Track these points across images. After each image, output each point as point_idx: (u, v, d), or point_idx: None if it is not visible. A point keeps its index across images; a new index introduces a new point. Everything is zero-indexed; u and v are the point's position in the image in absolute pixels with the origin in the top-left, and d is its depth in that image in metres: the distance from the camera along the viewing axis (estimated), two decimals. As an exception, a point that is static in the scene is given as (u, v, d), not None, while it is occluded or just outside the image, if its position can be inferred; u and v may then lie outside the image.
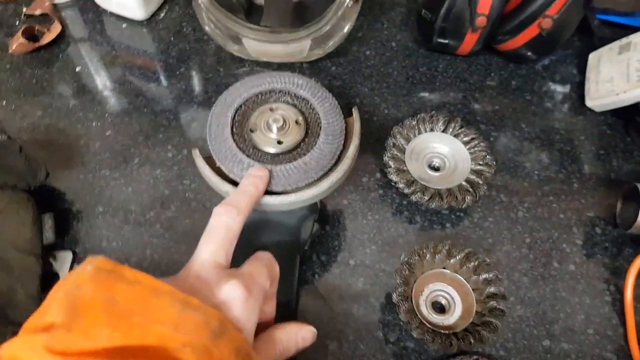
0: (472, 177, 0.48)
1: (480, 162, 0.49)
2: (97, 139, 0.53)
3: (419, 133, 0.51)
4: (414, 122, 0.51)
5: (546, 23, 0.51)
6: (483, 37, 0.53)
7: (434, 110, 0.55)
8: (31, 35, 0.58)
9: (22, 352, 0.23)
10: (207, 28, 0.55)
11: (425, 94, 0.56)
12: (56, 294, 0.25)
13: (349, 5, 0.52)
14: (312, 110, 0.42)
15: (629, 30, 0.59)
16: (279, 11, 0.52)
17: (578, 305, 0.44)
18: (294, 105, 0.42)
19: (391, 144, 0.50)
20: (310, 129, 0.41)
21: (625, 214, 0.46)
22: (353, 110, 0.42)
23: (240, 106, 0.41)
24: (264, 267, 0.31)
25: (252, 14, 0.54)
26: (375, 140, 0.52)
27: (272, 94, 0.42)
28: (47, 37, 0.57)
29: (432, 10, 0.53)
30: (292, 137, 0.40)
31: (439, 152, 0.50)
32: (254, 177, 0.36)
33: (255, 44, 0.54)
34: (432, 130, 0.51)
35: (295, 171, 0.38)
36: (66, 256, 0.46)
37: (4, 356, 0.23)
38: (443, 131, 0.51)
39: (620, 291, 0.44)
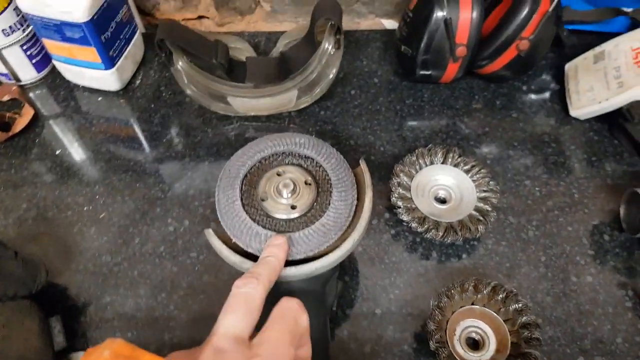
0: (480, 204, 0.48)
1: (485, 189, 0.49)
2: (91, 223, 0.50)
3: (420, 168, 0.51)
4: (414, 158, 0.51)
5: (523, 45, 0.52)
6: (464, 64, 0.54)
7: (428, 140, 0.56)
8: (3, 124, 0.55)
9: None
10: (188, 91, 0.53)
11: (416, 125, 0.57)
12: None
13: (332, 53, 0.52)
14: (319, 168, 0.41)
15: (594, 35, 0.61)
16: (262, 69, 0.51)
17: (602, 316, 0.45)
18: (300, 166, 0.41)
19: (396, 183, 0.50)
20: (321, 186, 0.40)
21: (630, 219, 0.48)
22: (360, 162, 0.42)
23: (246, 175, 0.40)
24: (286, 329, 0.29)
25: (233, 70, 0.53)
26: (377, 180, 0.52)
27: (276, 157, 0.41)
28: (20, 123, 0.54)
29: (412, 45, 0.53)
30: (305, 199, 0.39)
31: (443, 184, 0.50)
32: (273, 246, 0.35)
33: (242, 101, 0.54)
34: (432, 163, 0.51)
35: (315, 235, 0.37)
36: (80, 358, 0.43)
37: None
38: (442, 162, 0.51)
39: (639, 294, 0.45)
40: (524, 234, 0.49)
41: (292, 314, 0.30)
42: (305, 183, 0.40)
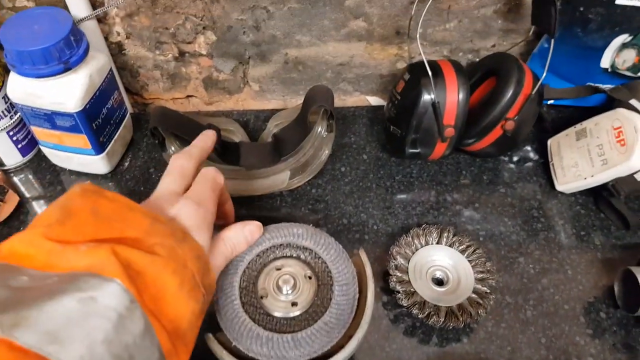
0: (478, 286, 0.48)
1: (481, 269, 0.49)
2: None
3: (417, 249, 0.51)
4: (409, 238, 0.51)
5: (509, 125, 0.54)
6: (452, 143, 0.55)
7: (420, 217, 0.56)
8: (-15, 212, 0.53)
9: (20, 244, 0.27)
10: (181, 176, 0.53)
11: (408, 202, 0.57)
12: (47, 209, 0.30)
13: (324, 136, 0.52)
14: (319, 260, 0.41)
15: (571, 109, 0.64)
16: (255, 154, 0.51)
17: (607, 398, 0.44)
18: (299, 258, 0.41)
19: (393, 266, 0.49)
20: (321, 280, 0.40)
21: (626, 298, 0.48)
22: (360, 252, 0.42)
23: (245, 271, 0.39)
24: (208, 184, 0.38)
25: (225, 152, 0.53)
26: (372, 261, 0.51)
27: (274, 250, 0.41)
28: (5, 211, 0.53)
29: (400, 126, 0.55)
30: (306, 295, 0.38)
31: (440, 265, 0.50)
32: (204, 135, 0.44)
33: (234, 183, 0.53)
34: (427, 243, 0.51)
35: (318, 335, 0.36)
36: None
37: (2, 250, 0.27)
38: (437, 242, 0.51)
39: (641, 375, 0.45)
40: (522, 314, 0.49)
41: (211, 173, 0.39)
42: (305, 277, 0.39)
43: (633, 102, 0.55)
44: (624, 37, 0.57)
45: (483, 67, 0.58)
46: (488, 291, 0.48)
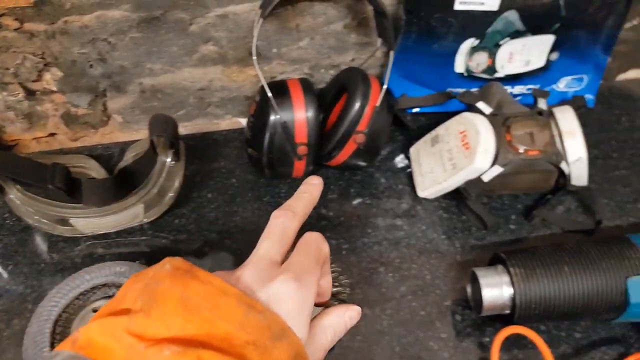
0: (331, 301, 0.48)
1: (336, 284, 0.49)
2: None
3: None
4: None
5: (359, 138, 0.54)
6: (311, 160, 0.56)
7: (285, 236, 0.56)
8: None
9: (101, 334, 0.25)
10: (27, 219, 0.51)
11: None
12: (134, 284, 0.27)
13: (172, 165, 0.52)
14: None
15: (438, 115, 0.65)
16: (98, 190, 0.50)
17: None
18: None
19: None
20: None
21: (474, 298, 0.49)
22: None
23: (60, 316, 0.38)
24: (311, 254, 0.32)
25: (76, 190, 0.52)
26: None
27: (95, 291, 0.40)
28: None
29: (256, 148, 0.55)
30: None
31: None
32: (309, 185, 0.38)
33: (85, 221, 0.52)
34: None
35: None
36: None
37: (80, 339, 0.25)
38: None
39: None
40: (378, 325, 0.49)
41: (315, 241, 0.34)
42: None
43: (480, 104, 0.56)
44: (471, 41, 0.59)
45: (336, 83, 0.59)
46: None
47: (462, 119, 0.54)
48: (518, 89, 0.63)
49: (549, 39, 0.58)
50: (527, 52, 0.59)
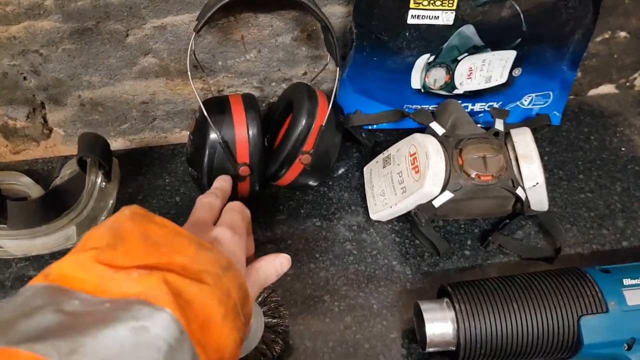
0: (268, 334, 0.46)
1: (274, 315, 0.47)
2: None
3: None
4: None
5: (305, 159, 0.51)
6: (255, 181, 0.53)
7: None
8: None
9: (71, 267, 0.28)
10: (-50, 242, 0.49)
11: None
12: (97, 229, 0.30)
13: (103, 186, 0.49)
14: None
15: (394, 132, 0.63)
16: (24, 212, 0.48)
17: None
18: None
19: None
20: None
21: (420, 332, 0.46)
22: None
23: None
24: (237, 214, 0.40)
25: (4, 209, 0.49)
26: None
27: None
28: None
29: (196, 167, 0.52)
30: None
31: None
32: (221, 179, 0.47)
33: (15, 243, 0.49)
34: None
35: None
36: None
37: (52, 273, 0.28)
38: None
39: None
40: (319, 358, 0.47)
41: (238, 205, 0.41)
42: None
43: (433, 125, 0.53)
44: (426, 57, 0.56)
45: (284, 100, 0.56)
46: (277, 339, 0.45)
47: (413, 141, 0.51)
48: (479, 106, 0.60)
49: (510, 55, 0.55)
50: (488, 68, 0.56)
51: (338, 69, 0.50)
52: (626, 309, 0.43)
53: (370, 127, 0.62)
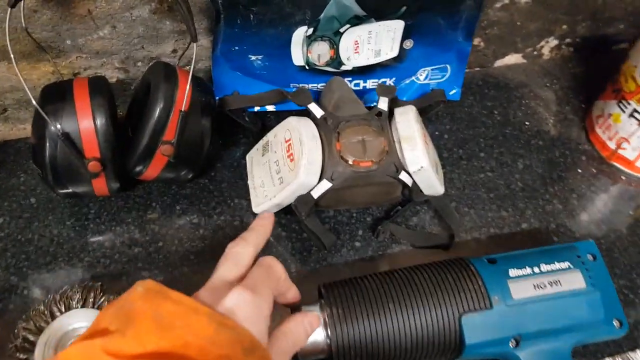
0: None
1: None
2: None
3: (53, 318, 0.42)
4: (43, 307, 0.42)
5: (166, 150, 0.45)
6: (112, 176, 0.46)
7: (87, 270, 0.46)
8: None
9: (79, 356, 0.26)
10: None
11: (76, 252, 0.47)
12: (109, 308, 0.29)
13: None
14: None
15: (284, 114, 0.57)
16: None
17: None
18: None
19: (13, 348, 0.40)
20: None
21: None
22: None
23: None
24: (263, 270, 0.35)
25: None
26: None
27: None
28: None
29: (38, 164, 0.44)
30: None
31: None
32: (261, 219, 0.39)
33: None
34: (69, 308, 0.42)
35: None
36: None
37: None
38: (83, 305, 0.42)
39: None
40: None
41: (267, 261, 0.35)
42: None
43: (311, 106, 0.48)
44: (303, 30, 0.50)
45: (143, 82, 0.49)
46: None
47: (287, 125, 0.46)
48: (371, 83, 0.55)
49: (398, 25, 0.50)
50: (376, 41, 0.51)
51: (195, 45, 0.44)
52: (511, 304, 0.39)
53: (256, 109, 0.56)
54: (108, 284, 0.44)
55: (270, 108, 0.56)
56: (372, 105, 0.56)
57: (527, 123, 0.60)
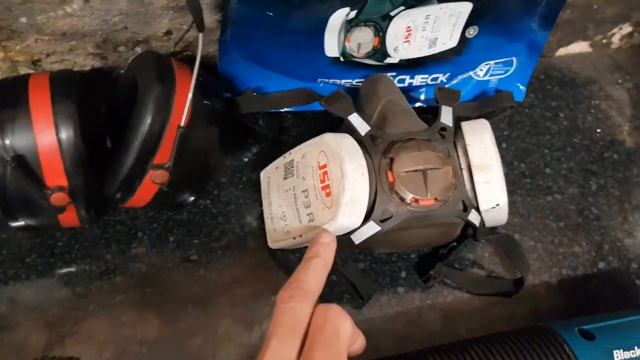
0: None
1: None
2: None
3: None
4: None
5: (158, 176, 0.33)
6: (84, 207, 0.34)
7: (55, 330, 0.36)
8: None
9: None
10: None
11: (40, 298, 0.37)
12: None
13: None
14: None
15: (309, 114, 0.46)
16: None
17: None
18: None
19: None
20: None
21: None
22: None
23: None
24: (330, 345, 0.26)
25: None
26: None
27: None
28: None
29: (-18, 194, 0.33)
30: None
31: None
32: (319, 245, 0.29)
33: None
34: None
35: None
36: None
37: None
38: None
39: None
40: None
41: (332, 324, 0.26)
42: None
43: (353, 118, 0.36)
44: (344, 13, 0.38)
45: (129, 79, 0.36)
46: None
47: (323, 146, 0.34)
48: (420, 79, 0.43)
49: (464, 8, 0.38)
50: (433, 28, 0.39)
51: (201, 36, 0.31)
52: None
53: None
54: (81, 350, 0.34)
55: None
56: (416, 105, 0.46)
57: (598, 130, 0.49)
